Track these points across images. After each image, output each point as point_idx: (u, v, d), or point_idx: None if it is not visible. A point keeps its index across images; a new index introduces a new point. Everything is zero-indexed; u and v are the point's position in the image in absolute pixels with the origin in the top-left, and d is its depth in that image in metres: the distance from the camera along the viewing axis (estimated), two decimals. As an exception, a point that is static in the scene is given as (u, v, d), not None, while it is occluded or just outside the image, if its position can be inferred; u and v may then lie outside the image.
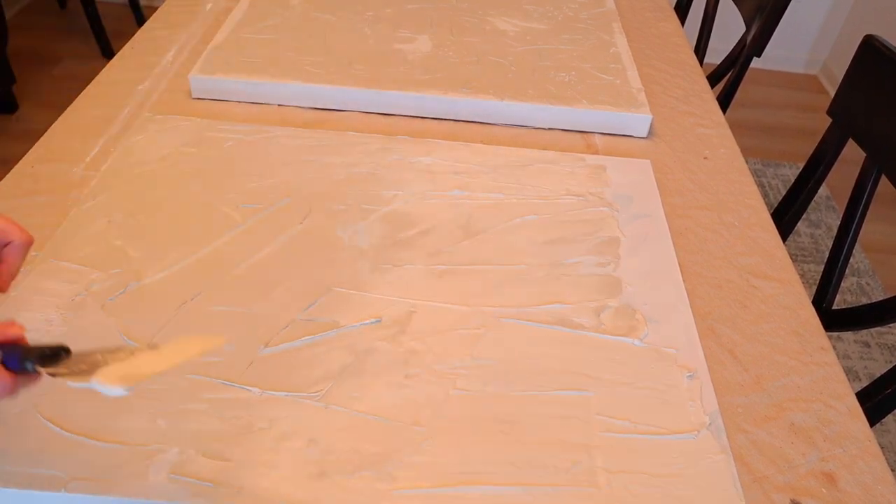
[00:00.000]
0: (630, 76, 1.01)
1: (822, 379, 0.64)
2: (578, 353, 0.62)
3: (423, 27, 1.08)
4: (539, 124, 0.94)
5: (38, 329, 0.60)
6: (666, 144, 0.94)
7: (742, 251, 0.77)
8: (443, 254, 0.71)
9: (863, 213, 0.91)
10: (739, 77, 1.26)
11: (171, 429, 0.54)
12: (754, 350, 0.66)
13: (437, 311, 0.65)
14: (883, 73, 0.88)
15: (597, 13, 1.18)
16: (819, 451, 0.58)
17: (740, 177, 0.89)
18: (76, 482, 0.50)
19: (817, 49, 2.81)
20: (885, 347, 1.73)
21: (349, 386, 0.58)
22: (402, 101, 0.93)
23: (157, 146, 0.82)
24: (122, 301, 0.63)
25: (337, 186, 0.78)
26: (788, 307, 0.71)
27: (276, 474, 0.51)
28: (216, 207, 0.74)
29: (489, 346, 0.62)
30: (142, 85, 0.95)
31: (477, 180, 0.81)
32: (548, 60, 1.02)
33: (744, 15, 1.33)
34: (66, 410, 0.54)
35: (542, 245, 0.73)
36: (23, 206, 0.74)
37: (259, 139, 0.84)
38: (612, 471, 0.54)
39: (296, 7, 1.10)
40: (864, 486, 0.56)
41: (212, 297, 0.64)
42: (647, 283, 0.70)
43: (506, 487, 0.52)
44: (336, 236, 0.72)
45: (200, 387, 0.57)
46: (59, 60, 2.45)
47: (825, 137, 0.99)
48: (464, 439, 0.55)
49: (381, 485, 0.51)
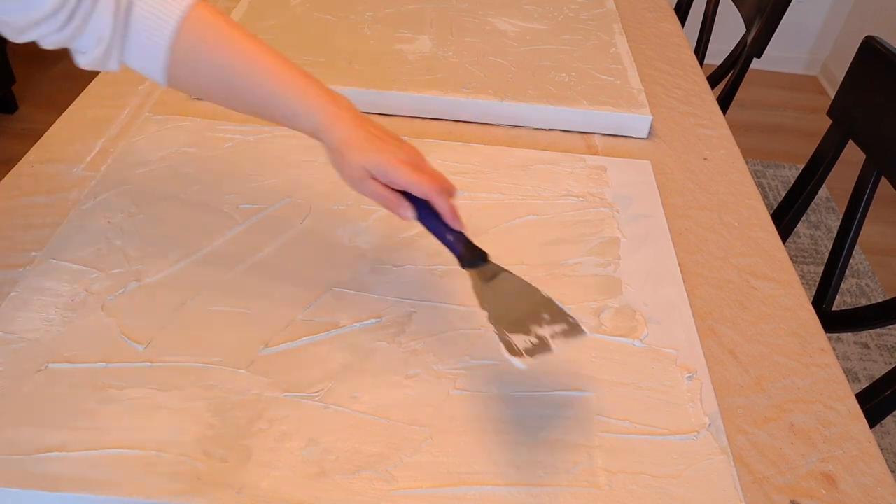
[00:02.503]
0: (630, 77, 1.01)
1: (822, 380, 0.64)
2: (578, 353, 0.62)
3: (423, 27, 1.08)
4: (539, 125, 0.94)
5: (38, 329, 0.60)
6: (666, 145, 0.94)
7: (742, 252, 0.77)
8: (443, 254, 0.71)
9: (863, 214, 0.91)
10: (739, 78, 1.27)
11: (172, 429, 0.54)
12: (754, 351, 0.66)
13: (437, 312, 0.65)
14: (883, 74, 0.88)
15: (597, 14, 1.18)
16: (819, 453, 0.58)
17: (740, 177, 0.89)
18: (76, 482, 0.50)
19: (817, 50, 2.81)
20: (884, 349, 1.73)
21: (349, 386, 0.58)
22: (402, 101, 0.93)
23: (157, 146, 0.82)
24: (122, 301, 0.63)
25: (337, 186, 0.78)
26: (788, 308, 0.71)
27: (276, 474, 0.51)
28: (216, 207, 0.74)
29: (489, 346, 0.62)
30: (142, 85, 0.95)
31: (477, 181, 0.81)
32: (548, 61, 1.02)
33: (744, 16, 1.33)
34: (65, 410, 0.54)
35: (542, 245, 0.73)
36: (23, 206, 0.74)
37: (259, 139, 0.84)
38: (612, 471, 0.54)
39: (295, 7, 1.10)
40: (863, 488, 0.56)
41: (212, 297, 0.64)
42: (647, 284, 0.70)
43: (506, 487, 0.52)
44: (336, 236, 0.72)
45: (200, 387, 0.57)
46: (59, 60, 2.45)
47: (825, 138, 0.99)
48: (464, 439, 0.55)
49: (381, 485, 0.51)
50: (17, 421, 0.53)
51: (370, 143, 0.57)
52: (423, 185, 0.56)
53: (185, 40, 0.57)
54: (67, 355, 0.58)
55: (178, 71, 0.58)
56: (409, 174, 0.56)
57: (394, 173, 0.56)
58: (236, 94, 0.60)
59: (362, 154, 0.57)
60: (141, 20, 0.56)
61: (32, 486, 0.49)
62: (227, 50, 0.58)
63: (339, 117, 0.58)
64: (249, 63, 0.58)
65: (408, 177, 0.56)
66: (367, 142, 0.57)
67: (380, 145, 0.57)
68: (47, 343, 0.59)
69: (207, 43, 0.58)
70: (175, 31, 0.56)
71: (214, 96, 0.61)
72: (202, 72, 0.59)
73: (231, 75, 0.59)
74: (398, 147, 0.59)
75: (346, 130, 0.58)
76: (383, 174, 0.56)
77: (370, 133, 0.58)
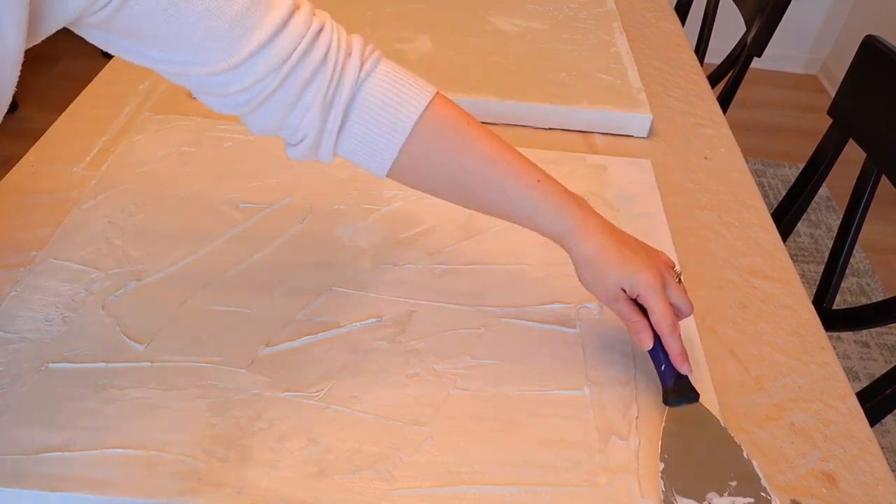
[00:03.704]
0: (630, 76, 1.01)
1: (823, 379, 0.64)
2: (578, 353, 0.62)
3: (423, 27, 1.08)
4: (539, 124, 0.94)
5: (38, 328, 0.60)
6: (666, 144, 0.94)
7: (742, 251, 0.77)
8: (443, 254, 0.71)
9: (863, 213, 0.91)
10: (739, 77, 1.26)
11: (172, 428, 0.53)
12: (755, 350, 0.66)
13: (437, 311, 0.65)
14: (883, 73, 0.88)
15: (597, 13, 1.18)
16: (819, 451, 0.58)
17: (740, 177, 0.89)
18: (76, 482, 0.50)
19: (817, 49, 2.81)
20: (884, 347, 1.73)
21: (349, 386, 0.58)
22: (402, 101, 0.93)
23: (157, 146, 0.82)
24: (122, 301, 0.63)
25: (337, 186, 0.78)
26: (789, 307, 0.71)
27: (276, 474, 0.51)
28: (216, 207, 0.74)
29: (489, 346, 0.62)
30: (142, 85, 0.95)
31: (477, 180, 0.81)
32: (548, 60, 1.02)
33: (744, 15, 1.33)
34: (65, 410, 0.54)
35: (543, 245, 0.73)
36: (23, 206, 0.74)
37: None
38: (612, 470, 0.54)
39: (296, 7, 1.10)
40: (864, 487, 0.56)
41: (212, 296, 0.64)
42: (647, 283, 0.70)
43: (506, 487, 0.52)
44: (336, 236, 0.72)
45: (200, 386, 0.57)
46: (59, 60, 2.45)
47: (825, 138, 0.99)
48: (464, 439, 0.55)
49: (381, 485, 0.51)
50: (17, 421, 0.53)
51: (626, 257, 0.55)
52: (666, 321, 0.54)
53: (417, 141, 0.53)
54: (67, 355, 0.58)
55: (403, 171, 0.55)
56: (664, 305, 0.54)
57: (652, 300, 0.54)
58: (469, 195, 0.57)
59: (622, 271, 0.54)
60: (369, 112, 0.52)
61: (32, 486, 0.49)
62: (460, 150, 0.54)
63: (588, 225, 0.55)
64: (483, 162, 0.55)
65: (661, 309, 0.54)
66: (622, 255, 0.55)
67: (636, 260, 0.55)
68: (47, 343, 0.59)
69: (441, 142, 0.54)
70: (409, 133, 0.52)
71: (444, 194, 0.58)
72: (433, 173, 0.55)
73: (463, 176, 0.55)
74: (651, 261, 0.56)
75: (599, 240, 0.55)
76: (642, 296, 0.55)
77: (622, 244, 0.55)
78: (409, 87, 0.53)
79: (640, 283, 0.54)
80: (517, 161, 0.56)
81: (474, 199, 0.57)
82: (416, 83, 0.54)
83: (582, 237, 0.55)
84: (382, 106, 0.52)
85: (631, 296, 0.56)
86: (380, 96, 0.52)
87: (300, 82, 0.50)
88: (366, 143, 0.53)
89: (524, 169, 0.56)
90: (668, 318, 0.54)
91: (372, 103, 0.52)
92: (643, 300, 0.55)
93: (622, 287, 0.55)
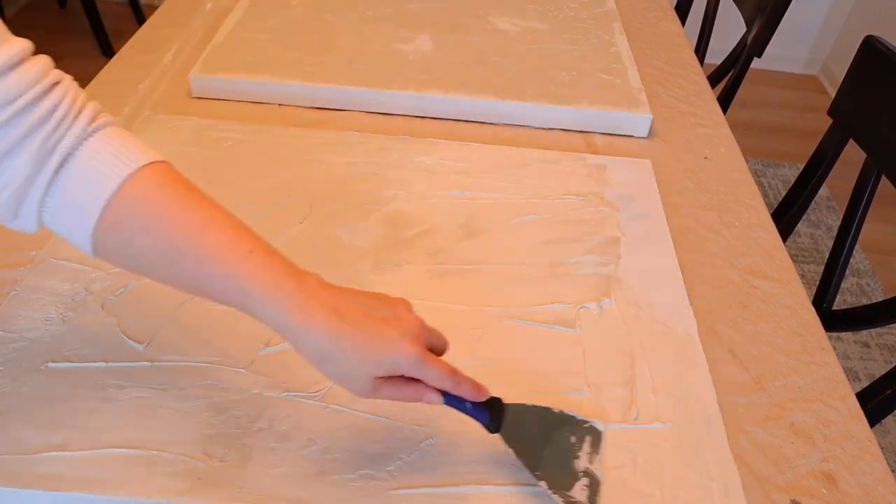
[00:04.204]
0: (630, 76, 1.01)
1: (823, 379, 0.64)
2: (578, 353, 0.62)
3: (423, 27, 1.08)
4: (539, 124, 0.94)
5: (38, 328, 0.60)
6: (666, 144, 0.94)
7: (742, 251, 0.77)
8: (443, 254, 0.71)
9: (863, 213, 0.91)
10: (740, 77, 1.26)
11: (171, 428, 0.53)
12: (755, 350, 0.66)
13: (437, 311, 0.65)
14: (883, 73, 0.88)
15: (597, 13, 1.18)
16: (819, 452, 0.58)
17: (740, 177, 0.89)
18: (76, 482, 0.50)
19: (817, 49, 2.81)
20: (884, 348, 1.73)
21: (349, 386, 0.58)
22: (402, 101, 0.93)
23: (156, 146, 0.81)
24: (122, 300, 0.63)
25: (337, 186, 0.78)
26: (789, 307, 0.71)
27: (276, 473, 0.51)
28: (216, 207, 0.74)
29: (489, 346, 0.62)
30: (142, 84, 0.95)
31: (477, 180, 0.81)
32: (548, 60, 1.02)
33: (744, 15, 1.33)
34: (65, 410, 0.54)
35: (542, 245, 0.73)
36: (23, 206, 0.74)
37: (259, 139, 0.84)
38: (612, 469, 0.54)
39: (296, 7, 1.10)
40: (864, 487, 0.56)
41: (212, 296, 0.64)
42: (647, 283, 0.70)
43: (506, 487, 0.52)
44: (336, 236, 0.72)
45: (200, 386, 0.57)
46: (60, 60, 2.44)
47: (825, 138, 0.99)
48: (464, 439, 0.55)
49: (381, 485, 0.51)
50: (17, 421, 0.53)
51: (368, 339, 0.46)
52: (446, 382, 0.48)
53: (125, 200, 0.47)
54: (67, 355, 0.58)
55: (107, 237, 0.47)
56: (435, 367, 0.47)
57: (420, 371, 0.47)
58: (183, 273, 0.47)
59: (371, 358, 0.46)
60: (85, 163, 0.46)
61: (32, 486, 0.49)
62: (171, 214, 0.47)
63: (310, 307, 0.46)
64: (194, 229, 0.47)
65: (434, 372, 0.47)
66: (363, 337, 0.46)
67: (382, 334, 0.46)
68: (47, 342, 0.59)
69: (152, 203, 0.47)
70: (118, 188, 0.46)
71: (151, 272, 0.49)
72: (140, 242, 0.47)
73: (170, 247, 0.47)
74: (398, 322, 0.47)
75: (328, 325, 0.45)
76: (407, 373, 0.47)
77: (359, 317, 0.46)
78: (134, 148, 0.49)
79: (398, 362, 0.46)
80: (230, 229, 0.47)
81: (188, 279, 0.48)
82: (143, 147, 0.50)
83: (306, 328, 0.45)
84: (100, 159, 0.47)
85: (392, 375, 0.47)
86: (100, 149, 0.48)
87: (23, 129, 0.45)
88: (74, 195, 0.47)
89: (237, 237, 0.47)
90: (445, 376, 0.47)
91: (89, 156, 0.47)
92: (410, 375, 0.47)
93: (377, 376, 0.46)
